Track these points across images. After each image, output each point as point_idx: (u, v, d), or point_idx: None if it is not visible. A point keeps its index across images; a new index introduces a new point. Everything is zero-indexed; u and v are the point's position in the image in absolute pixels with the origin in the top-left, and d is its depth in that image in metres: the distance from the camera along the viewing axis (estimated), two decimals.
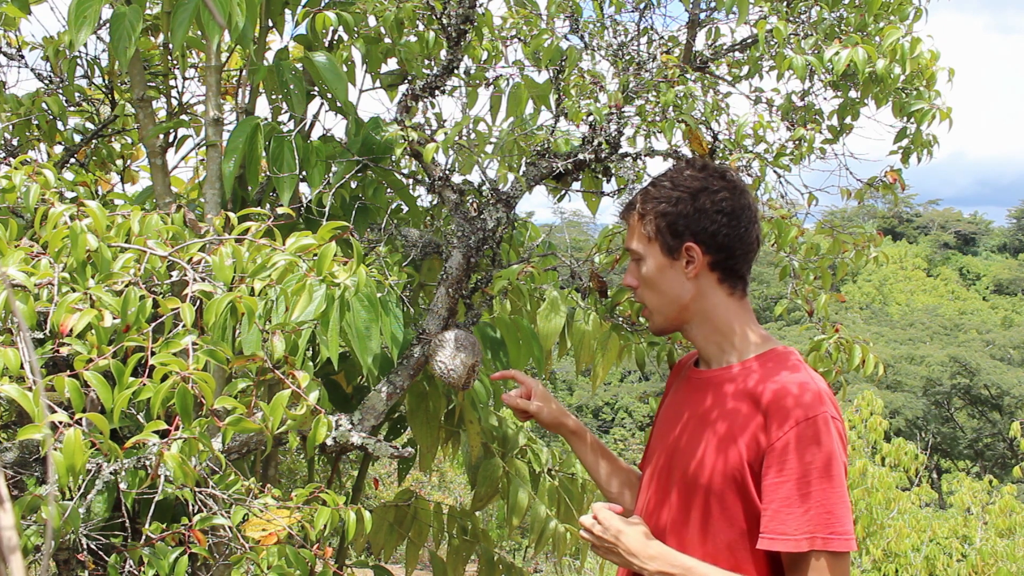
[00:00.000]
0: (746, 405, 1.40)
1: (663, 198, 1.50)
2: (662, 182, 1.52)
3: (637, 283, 1.55)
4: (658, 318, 1.55)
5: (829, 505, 1.30)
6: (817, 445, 1.31)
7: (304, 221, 2.00)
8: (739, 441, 1.37)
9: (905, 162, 2.04)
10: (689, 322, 1.52)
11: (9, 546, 0.52)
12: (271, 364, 1.42)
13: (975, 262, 44.46)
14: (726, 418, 1.41)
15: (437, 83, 1.98)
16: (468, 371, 1.86)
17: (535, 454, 2.69)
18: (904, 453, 7.09)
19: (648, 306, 1.56)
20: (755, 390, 1.40)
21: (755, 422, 1.37)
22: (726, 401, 1.43)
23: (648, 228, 1.51)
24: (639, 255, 1.54)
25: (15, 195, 1.58)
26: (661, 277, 1.50)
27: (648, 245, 1.51)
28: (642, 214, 1.52)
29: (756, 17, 1.94)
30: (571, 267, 2.10)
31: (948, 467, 20.81)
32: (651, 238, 1.51)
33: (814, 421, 1.32)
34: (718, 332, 1.50)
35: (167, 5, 1.91)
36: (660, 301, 1.53)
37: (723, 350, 1.50)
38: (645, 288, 1.54)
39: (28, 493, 1.48)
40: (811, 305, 2.06)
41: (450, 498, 7.65)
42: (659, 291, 1.52)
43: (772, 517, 1.32)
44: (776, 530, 1.31)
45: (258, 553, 1.55)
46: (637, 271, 1.55)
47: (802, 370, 1.41)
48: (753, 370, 1.44)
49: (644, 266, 1.53)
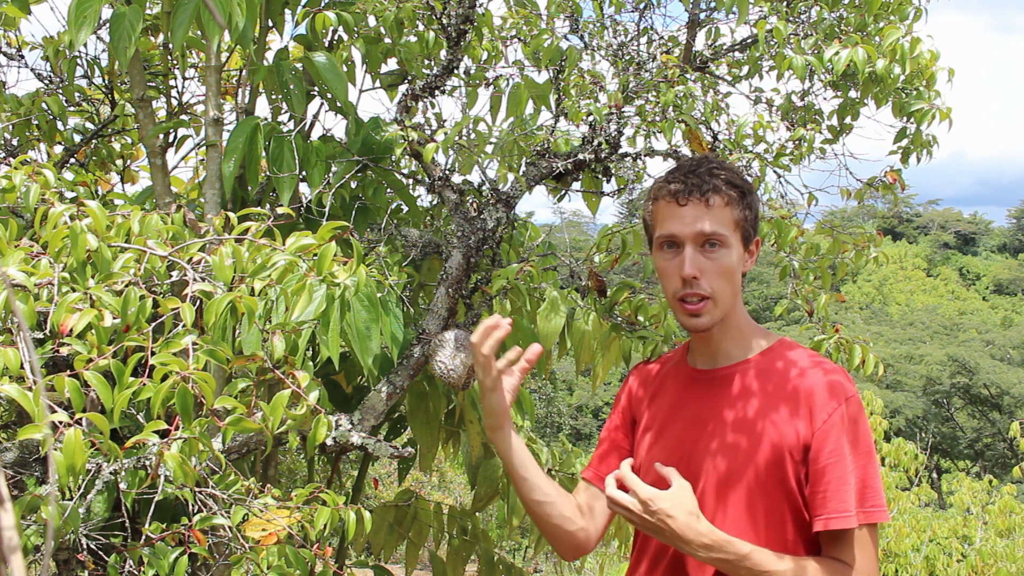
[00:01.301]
0: (777, 397, 1.41)
1: (743, 187, 1.43)
2: (727, 170, 1.44)
3: (700, 273, 1.41)
4: (718, 312, 1.43)
5: (868, 479, 1.35)
6: (856, 424, 1.37)
7: (304, 221, 2.00)
8: (779, 433, 1.38)
9: (905, 162, 2.04)
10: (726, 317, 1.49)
11: (10, 546, 0.52)
12: (271, 364, 1.42)
13: (975, 262, 44.48)
14: (758, 413, 1.41)
15: (437, 83, 1.98)
16: (468, 371, 1.86)
17: (535, 454, 2.69)
18: (904, 453, 7.10)
19: (715, 297, 1.42)
20: (784, 381, 1.42)
21: (793, 411, 1.38)
22: (752, 396, 1.43)
23: (736, 214, 1.42)
24: (724, 240, 1.41)
25: (15, 195, 1.58)
26: (738, 268, 1.44)
27: (733, 232, 1.42)
28: (730, 199, 1.42)
29: (756, 17, 1.94)
30: (571, 267, 2.10)
31: (948, 467, 20.82)
32: (736, 225, 1.43)
33: (852, 401, 1.38)
34: (737, 327, 1.49)
35: (167, 5, 1.91)
36: (731, 293, 1.44)
37: (735, 344, 1.49)
38: (720, 278, 1.42)
39: (28, 493, 1.48)
40: (811, 305, 2.06)
41: (450, 498, 7.65)
42: (733, 282, 1.44)
43: (829, 497, 1.34)
44: (834, 509, 1.34)
45: (258, 553, 1.55)
46: (703, 260, 1.41)
47: (814, 355, 1.46)
48: (770, 362, 1.45)
49: (726, 255, 1.42)
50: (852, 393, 1.38)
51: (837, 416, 1.36)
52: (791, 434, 1.37)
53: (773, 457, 1.38)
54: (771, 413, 1.40)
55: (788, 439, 1.37)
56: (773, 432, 1.39)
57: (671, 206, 1.43)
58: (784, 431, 1.38)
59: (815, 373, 1.40)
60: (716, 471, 1.43)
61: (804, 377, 1.40)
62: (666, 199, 1.44)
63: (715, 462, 1.43)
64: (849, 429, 1.36)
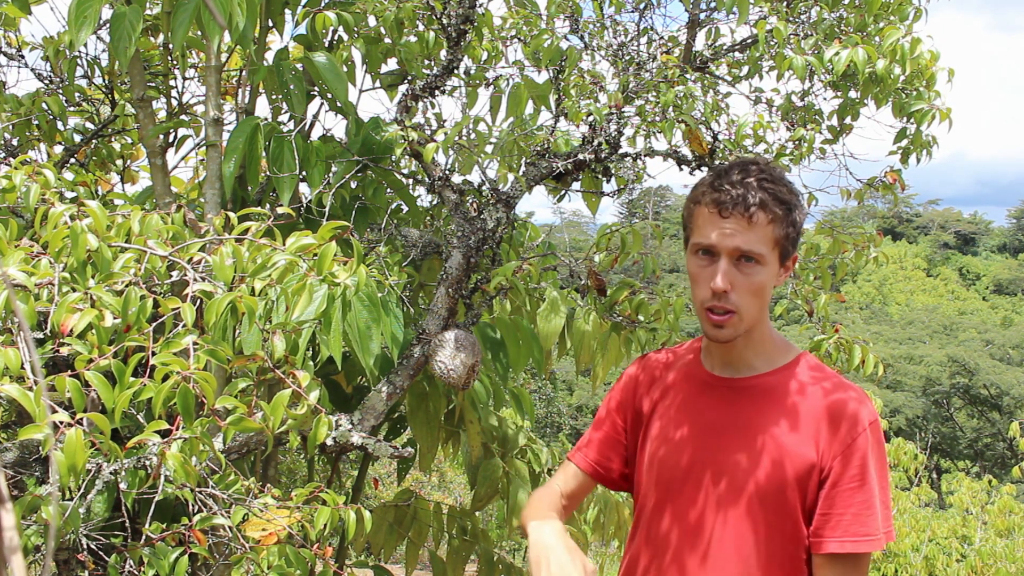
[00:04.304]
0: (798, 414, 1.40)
1: (790, 203, 1.38)
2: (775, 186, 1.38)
3: (731, 287, 1.38)
4: (742, 327, 1.41)
5: (887, 501, 1.38)
6: (879, 447, 1.38)
7: (304, 221, 2.00)
8: (797, 450, 1.38)
9: (905, 162, 2.04)
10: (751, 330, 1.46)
11: (10, 546, 0.52)
12: (271, 364, 1.42)
13: (975, 262, 44.49)
14: (777, 427, 1.41)
15: (437, 83, 1.98)
16: (468, 371, 1.86)
17: (535, 454, 2.69)
18: (904, 453, 7.10)
19: (742, 313, 1.39)
20: (806, 399, 1.41)
21: (814, 431, 1.38)
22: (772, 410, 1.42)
23: (778, 232, 1.37)
24: (761, 258, 1.37)
25: (15, 195, 1.58)
26: (771, 286, 1.41)
27: (771, 251, 1.38)
28: (774, 217, 1.37)
29: (756, 17, 1.94)
30: (570, 267, 2.10)
31: (948, 467, 20.82)
32: (775, 244, 1.38)
33: (875, 427, 1.39)
34: (760, 339, 1.47)
35: (167, 5, 1.91)
36: (759, 310, 1.41)
37: (758, 355, 1.47)
38: (750, 295, 1.38)
39: (28, 493, 1.48)
40: (811, 305, 2.06)
41: (450, 498, 7.65)
42: (763, 300, 1.41)
43: (852, 520, 1.35)
44: (859, 532, 1.35)
45: (258, 553, 1.55)
46: (737, 274, 1.38)
47: (836, 375, 1.45)
48: (793, 377, 1.44)
49: (761, 272, 1.38)
50: (875, 418, 1.40)
51: (863, 440, 1.37)
52: (807, 454, 1.37)
53: (783, 475, 1.37)
54: (788, 431, 1.39)
55: (803, 458, 1.37)
56: (787, 450, 1.38)
57: (713, 215, 1.38)
58: (800, 451, 1.37)
59: (839, 395, 1.40)
60: (723, 482, 1.42)
61: (826, 398, 1.40)
62: (709, 207, 1.39)
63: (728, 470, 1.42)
64: (873, 453, 1.37)
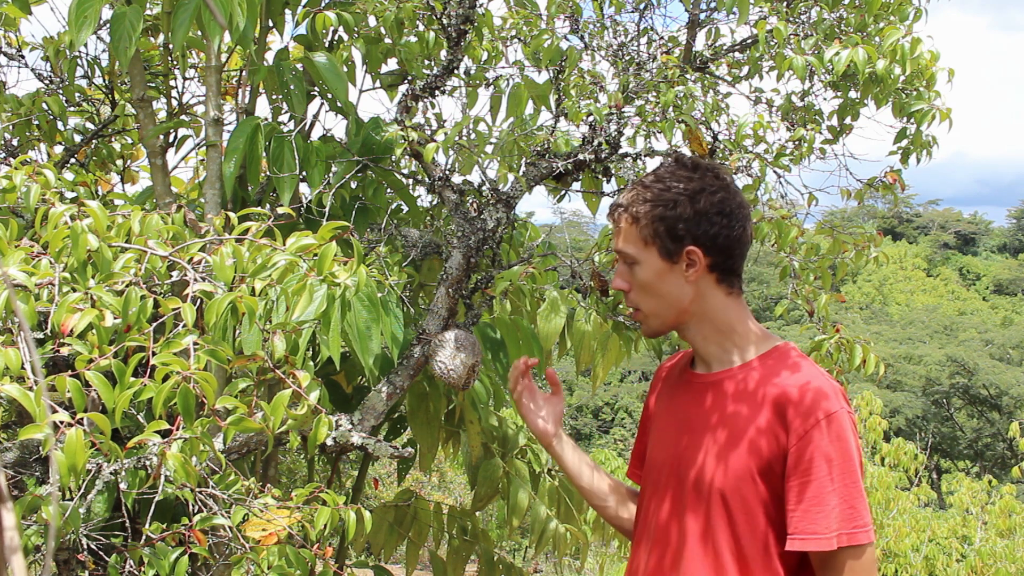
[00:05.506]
0: (758, 406, 1.39)
1: (659, 200, 1.43)
2: (654, 183, 1.45)
3: (629, 286, 1.49)
4: (654, 322, 1.50)
5: (851, 500, 1.33)
6: (839, 442, 1.33)
7: (304, 221, 2.00)
8: (756, 443, 1.36)
9: (905, 162, 2.04)
10: (687, 324, 1.49)
11: (11, 546, 0.52)
12: (272, 364, 1.42)
13: (975, 262, 44.47)
14: (739, 421, 1.40)
15: (437, 83, 1.98)
16: (468, 371, 1.86)
17: (535, 454, 2.70)
18: (903, 453, 7.09)
19: (643, 310, 1.49)
20: (767, 391, 1.39)
21: (771, 423, 1.36)
22: (736, 404, 1.42)
23: (644, 231, 1.44)
24: (633, 259, 1.47)
25: (15, 195, 1.58)
26: (659, 281, 1.45)
27: (644, 249, 1.45)
28: (635, 217, 1.45)
29: (756, 17, 1.94)
30: (571, 267, 2.10)
31: (948, 467, 20.83)
32: (648, 242, 1.44)
33: (834, 418, 1.34)
34: (719, 332, 1.47)
35: (167, 5, 1.91)
36: (658, 305, 1.47)
37: (724, 350, 1.48)
38: (640, 292, 1.48)
39: (28, 493, 1.48)
40: (811, 305, 2.06)
41: (450, 498, 7.65)
42: (657, 295, 1.46)
43: (802, 517, 1.33)
44: (807, 530, 1.32)
45: (258, 553, 1.55)
46: (629, 274, 1.49)
47: (809, 367, 1.42)
48: (759, 369, 1.43)
49: (640, 271, 1.46)
50: (835, 409, 1.34)
51: (816, 433, 1.33)
52: (768, 445, 1.36)
53: (747, 466, 1.37)
54: (752, 424, 1.38)
55: (765, 450, 1.36)
56: (749, 442, 1.37)
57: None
58: (761, 442, 1.36)
59: (798, 387, 1.37)
60: (694, 476, 1.42)
61: (787, 391, 1.37)
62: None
63: (695, 467, 1.43)
64: (830, 447, 1.32)
